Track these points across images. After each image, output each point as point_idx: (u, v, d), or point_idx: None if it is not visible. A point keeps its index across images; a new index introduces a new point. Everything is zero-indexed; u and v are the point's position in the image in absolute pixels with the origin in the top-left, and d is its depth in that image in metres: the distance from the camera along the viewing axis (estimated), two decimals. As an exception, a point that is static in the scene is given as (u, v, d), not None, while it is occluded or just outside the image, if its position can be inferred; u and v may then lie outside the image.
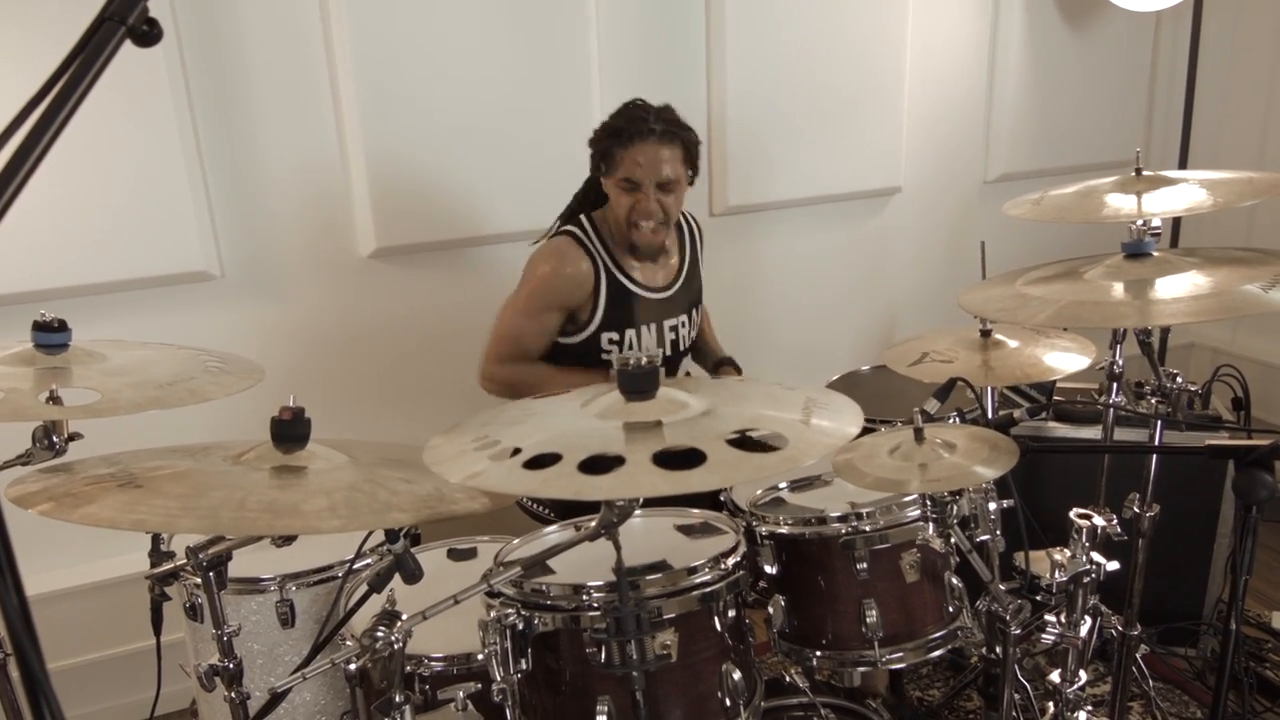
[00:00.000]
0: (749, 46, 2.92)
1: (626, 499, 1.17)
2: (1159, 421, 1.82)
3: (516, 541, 1.60)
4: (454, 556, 1.85)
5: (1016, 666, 1.71)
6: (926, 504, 1.47)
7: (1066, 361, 1.73)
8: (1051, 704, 1.70)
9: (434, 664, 1.53)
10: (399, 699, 1.24)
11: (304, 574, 1.73)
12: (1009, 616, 1.49)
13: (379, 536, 1.21)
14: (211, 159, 2.43)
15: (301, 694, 1.76)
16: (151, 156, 2.32)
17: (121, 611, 2.46)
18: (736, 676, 1.41)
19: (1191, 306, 1.43)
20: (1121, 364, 1.93)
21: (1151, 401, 1.80)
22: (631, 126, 2.08)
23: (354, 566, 1.66)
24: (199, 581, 1.47)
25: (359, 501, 1.19)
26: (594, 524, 1.24)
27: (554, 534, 1.63)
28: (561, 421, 1.24)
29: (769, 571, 1.69)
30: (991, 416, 1.82)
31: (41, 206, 2.20)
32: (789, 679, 1.69)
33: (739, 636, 1.47)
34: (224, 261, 2.50)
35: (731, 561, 1.44)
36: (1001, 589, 1.51)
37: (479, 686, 1.39)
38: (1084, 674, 1.66)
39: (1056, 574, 1.57)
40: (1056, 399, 2.62)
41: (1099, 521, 1.59)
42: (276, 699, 1.34)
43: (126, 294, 2.40)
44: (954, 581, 1.67)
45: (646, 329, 2.24)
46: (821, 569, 1.65)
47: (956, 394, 1.70)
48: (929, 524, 1.47)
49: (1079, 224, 2.24)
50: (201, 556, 1.42)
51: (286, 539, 1.57)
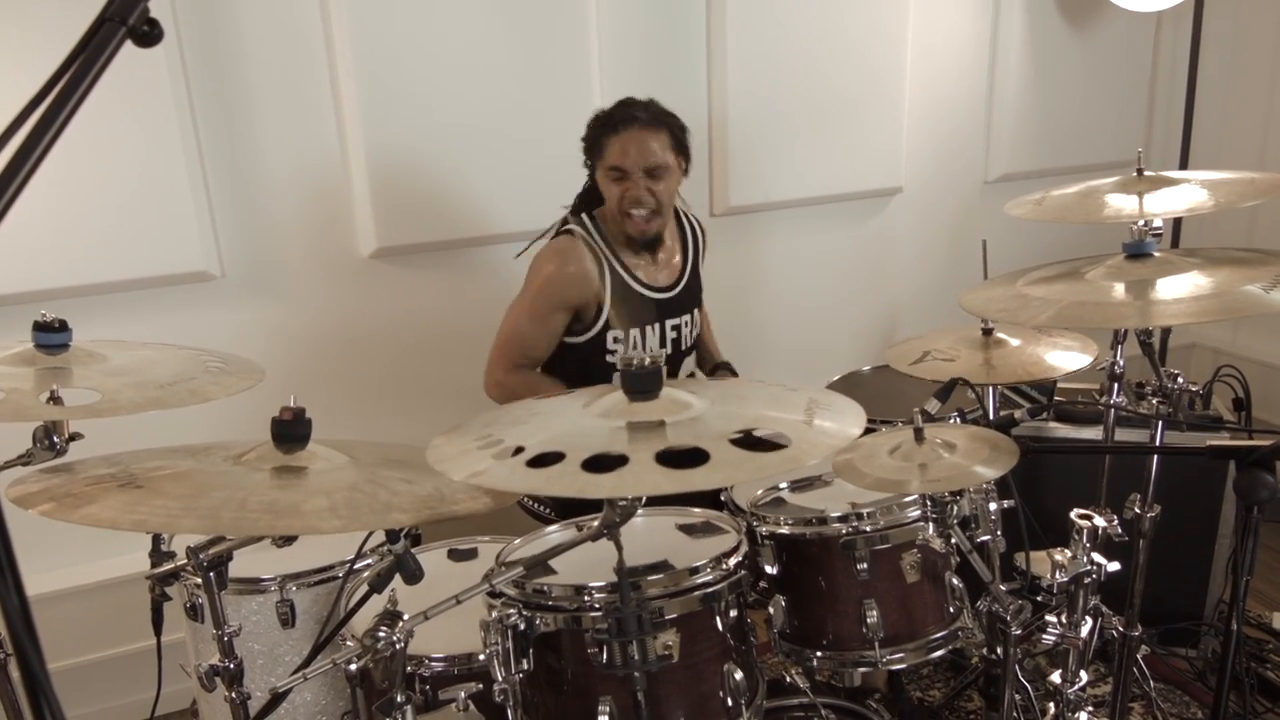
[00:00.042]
0: (750, 46, 2.92)
1: (629, 498, 1.17)
2: (1160, 422, 1.82)
3: (518, 542, 1.60)
4: (455, 557, 1.85)
5: (1017, 667, 1.71)
6: (927, 504, 1.47)
7: (1068, 360, 1.73)
8: (1052, 704, 1.70)
9: (435, 664, 1.53)
10: (400, 699, 1.24)
11: (305, 574, 1.73)
12: (1010, 617, 1.49)
13: (380, 537, 1.21)
14: (212, 159, 2.43)
15: (302, 694, 1.76)
16: (152, 157, 2.32)
17: (122, 612, 2.46)
18: (738, 677, 1.41)
19: (1193, 307, 1.43)
20: (1122, 364, 1.93)
21: (1152, 402, 1.80)
22: (617, 114, 2.12)
23: (355, 567, 1.66)
24: (199, 582, 1.47)
25: (360, 502, 1.18)
26: (596, 524, 1.24)
27: (555, 534, 1.63)
28: (565, 421, 1.24)
29: (769, 572, 1.69)
30: (992, 417, 1.82)
31: (42, 207, 2.20)
32: (789, 679, 1.68)
33: (741, 637, 1.47)
34: (224, 262, 2.50)
35: (733, 561, 1.44)
36: (1002, 589, 1.51)
37: (480, 687, 1.39)
38: (1085, 674, 1.65)
39: (1057, 574, 1.57)
40: (1057, 399, 2.62)
41: (1100, 522, 1.59)
42: (277, 699, 1.34)
43: (127, 294, 2.40)
44: (955, 582, 1.67)
45: (651, 329, 2.24)
46: (822, 569, 1.65)
47: (957, 394, 1.71)
48: (929, 524, 1.47)
49: (1080, 224, 2.24)
50: (202, 557, 1.42)
51: (287, 539, 1.57)
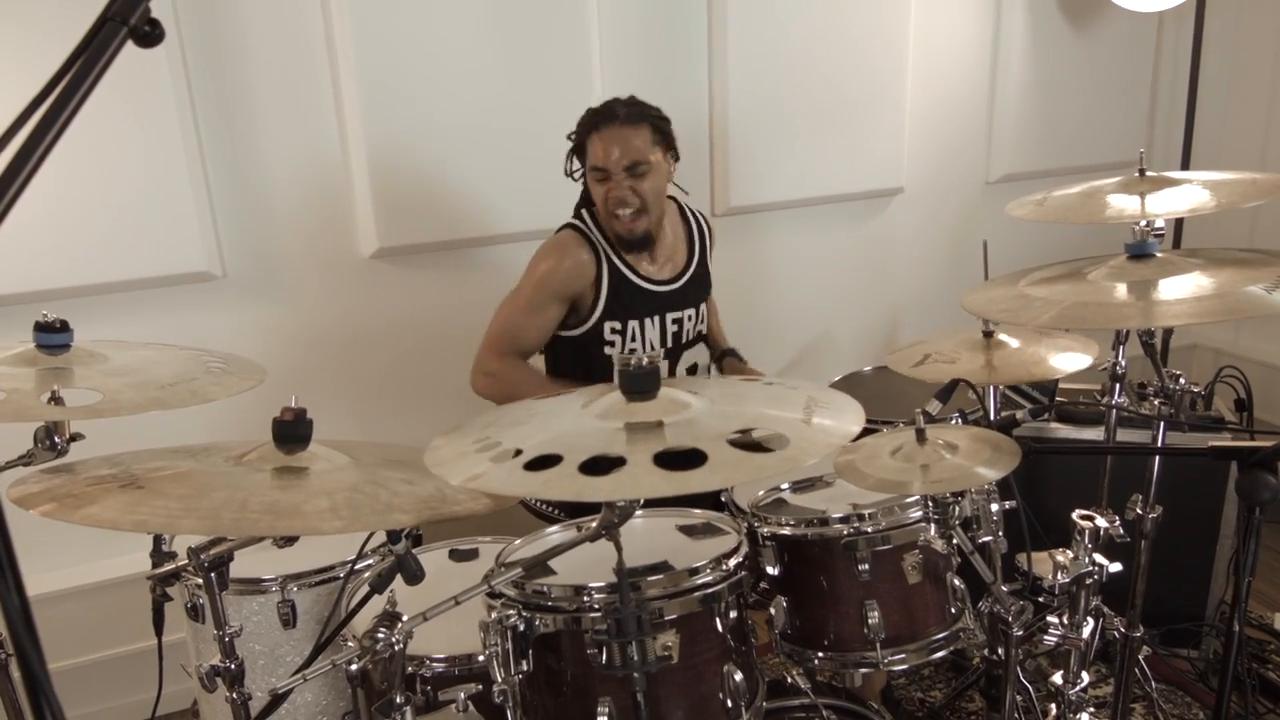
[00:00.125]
0: (751, 47, 2.92)
1: (627, 500, 1.17)
2: (1162, 423, 1.81)
3: (518, 542, 1.60)
4: (455, 557, 1.85)
5: (1019, 668, 1.71)
6: (929, 505, 1.47)
7: (1069, 361, 1.73)
8: (1054, 705, 1.70)
9: (435, 665, 1.53)
10: (400, 700, 1.24)
11: (305, 574, 1.73)
12: (1011, 618, 1.49)
13: (380, 537, 1.21)
14: (213, 159, 2.44)
15: (303, 694, 1.76)
16: (153, 157, 2.32)
17: (123, 612, 2.46)
18: (738, 678, 1.40)
19: (1195, 308, 1.43)
20: (1124, 365, 1.93)
21: (1154, 403, 1.80)
22: (598, 114, 2.13)
23: (355, 567, 1.66)
24: (200, 582, 1.47)
25: (360, 502, 1.18)
26: (595, 525, 1.24)
27: (555, 535, 1.63)
28: (563, 422, 1.24)
29: (771, 572, 1.69)
30: (994, 417, 1.82)
31: (44, 207, 2.21)
32: (790, 680, 1.68)
33: (741, 638, 1.46)
34: (226, 262, 2.50)
35: (733, 562, 1.44)
36: (1004, 590, 1.51)
37: (480, 687, 1.39)
38: (1086, 675, 1.65)
39: (1059, 575, 1.57)
40: (1059, 400, 2.62)
41: (1101, 523, 1.59)
42: (278, 700, 1.34)
43: (128, 294, 2.41)
44: (956, 583, 1.67)
45: (650, 321, 2.24)
46: (823, 570, 1.65)
47: (958, 395, 1.70)
48: (931, 525, 1.47)
49: (1082, 225, 2.24)
50: (203, 557, 1.42)
51: (288, 540, 1.57)
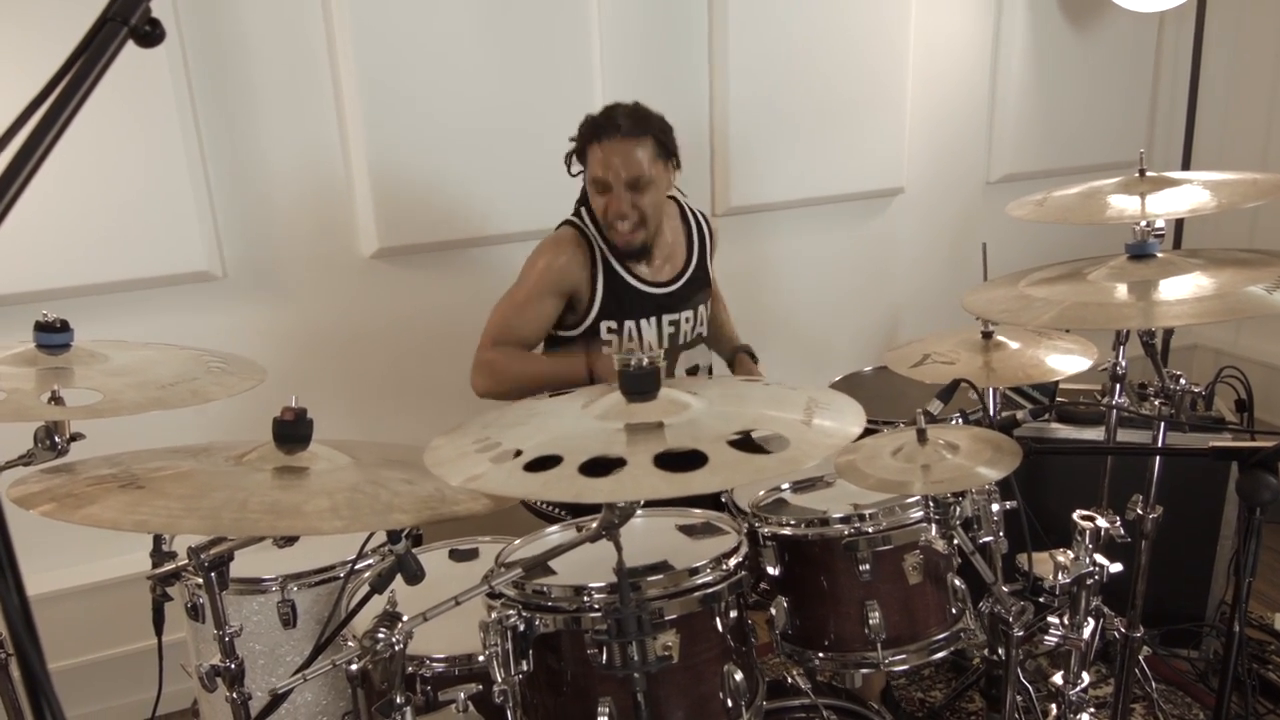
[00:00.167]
0: (751, 47, 2.92)
1: (627, 501, 1.17)
2: (1162, 423, 1.81)
3: (518, 542, 1.60)
4: (455, 557, 1.85)
5: (1019, 668, 1.70)
6: (929, 505, 1.47)
7: (1068, 363, 1.73)
8: (1054, 706, 1.70)
9: (435, 665, 1.53)
10: (400, 700, 1.24)
11: (306, 574, 1.73)
12: (1012, 618, 1.49)
13: (381, 537, 1.21)
14: (214, 159, 2.43)
15: (303, 694, 1.76)
16: (154, 157, 2.32)
17: (123, 611, 2.46)
18: (738, 678, 1.40)
19: (1195, 308, 1.43)
20: (1125, 365, 1.93)
21: (1155, 403, 1.80)
22: (600, 123, 2.09)
23: (356, 567, 1.66)
24: (200, 582, 1.47)
25: (361, 502, 1.18)
26: (595, 525, 1.24)
27: (555, 535, 1.63)
28: (563, 423, 1.24)
29: (771, 573, 1.68)
30: (994, 418, 1.82)
31: (44, 207, 2.20)
32: (791, 680, 1.68)
33: (741, 638, 1.46)
34: (226, 262, 2.50)
35: (733, 562, 1.44)
36: (1004, 590, 1.51)
37: (480, 688, 1.39)
38: (1087, 676, 1.65)
39: (1059, 576, 1.57)
40: (1060, 400, 2.62)
41: (1102, 523, 1.59)
42: (278, 700, 1.34)
43: (129, 294, 2.41)
44: (957, 583, 1.67)
45: (646, 322, 2.24)
46: (824, 570, 1.65)
47: (959, 395, 1.70)
48: (932, 525, 1.47)
49: (1082, 225, 2.24)
50: (203, 557, 1.42)
51: (288, 539, 1.57)
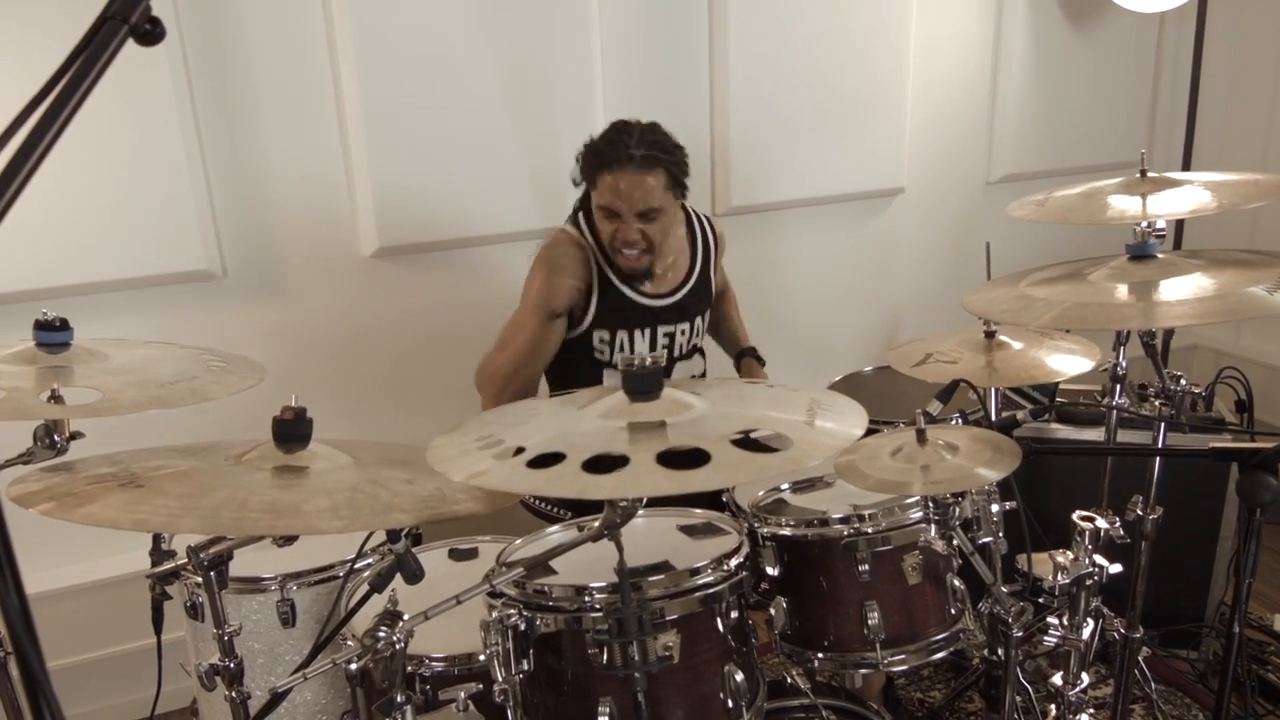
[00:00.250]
0: (752, 48, 2.92)
1: (630, 499, 1.17)
2: (1162, 424, 1.81)
3: (519, 542, 1.60)
4: (455, 557, 1.85)
5: (1018, 668, 1.70)
6: (929, 506, 1.47)
7: (1070, 364, 1.73)
8: (1053, 706, 1.70)
9: (435, 664, 1.53)
10: (400, 699, 1.24)
11: (305, 573, 1.73)
12: (1011, 618, 1.49)
13: (380, 536, 1.21)
14: (214, 158, 2.43)
15: (302, 693, 1.76)
16: (154, 155, 2.32)
17: (122, 610, 2.46)
18: (739, 678, 1.40)
19: (1196, 309, 1.43)
20: (1125, 366, 1.93)
21: (1155, 403, 1.80)
22: (612, 150, 2.02)
23: (355, 566, 1.66)
24: (200, 581, 1.47)
25: (360, 502, 1.18)
26: (597, 524, 1.24)
27: (556, 534, 1.63)
28: (565, 421, 1.24)
29: (771, 573, 1.68)
30: (994, 418, 1.82)
31: (44, 205, 2.20)
32: (790, 680, 1.68)
33: (742, 638, 1.46)
34: (226, 261, 2.50)
35: (734, 562, 1.44)
36: (1004, 591, 1.51)
37: (480, 687, 1.38)
38: (1086, 676, 1.65)
39: (1059, 576, 1.57)
40: (1060, 401, 2.61)
41: (1102, 524, 1.59)
42: (277, 699, 1.34)
43: (128, 293, 2.40)
44: (956, 583, 1.66)
45: (641, 333, 2.23)
46: (823, 570, 1.65)
47: (959, 395, 1.70)
48: (931, 526, 1.47)
49: (1083, 225, 2.24)
50: (202, 556, 1.42)
51: (288, 539, 1.57)
